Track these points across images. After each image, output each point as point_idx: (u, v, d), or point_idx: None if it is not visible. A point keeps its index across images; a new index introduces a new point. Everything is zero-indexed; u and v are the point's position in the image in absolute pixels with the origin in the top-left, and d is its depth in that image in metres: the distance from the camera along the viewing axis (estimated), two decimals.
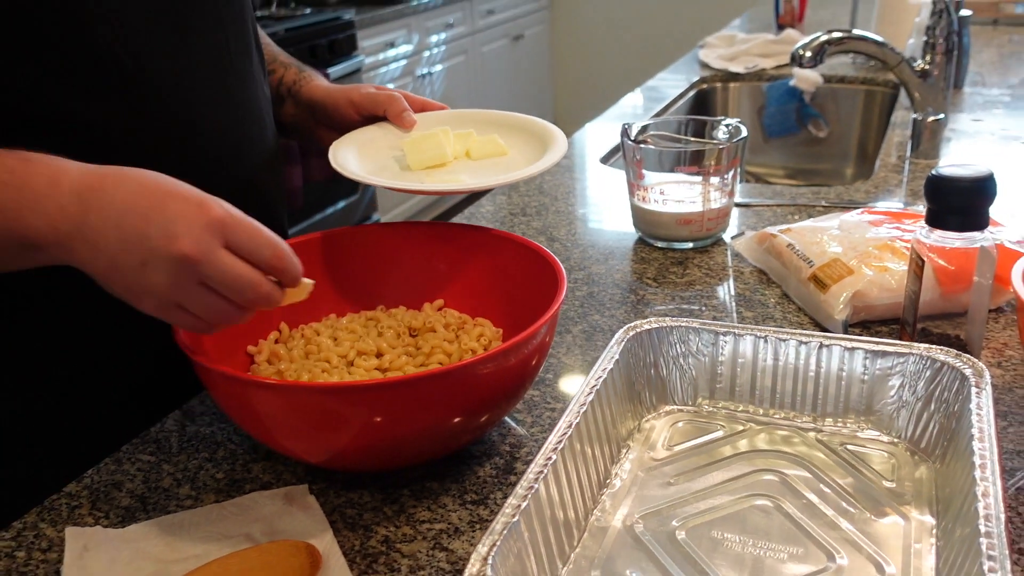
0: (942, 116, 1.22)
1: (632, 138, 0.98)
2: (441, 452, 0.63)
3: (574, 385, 0.74)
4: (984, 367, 0.58)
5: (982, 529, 0.45)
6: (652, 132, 1.02)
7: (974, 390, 0.57)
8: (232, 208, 0.54)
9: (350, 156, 0.79)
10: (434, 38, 3.52)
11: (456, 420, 0.59)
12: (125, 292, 0.54)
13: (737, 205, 1.09)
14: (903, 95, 1.54)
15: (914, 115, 1.24)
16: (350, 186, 2.88)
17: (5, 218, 0.53)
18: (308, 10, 3.01)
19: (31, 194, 0.53)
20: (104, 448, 0.68)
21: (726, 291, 0.89)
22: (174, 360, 0.69)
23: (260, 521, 0.58)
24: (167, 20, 0.70)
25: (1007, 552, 0.43)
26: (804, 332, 0.65)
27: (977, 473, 0.49)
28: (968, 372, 0.59)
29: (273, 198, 0.85)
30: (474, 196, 1.24)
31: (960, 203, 0.65)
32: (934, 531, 0.54)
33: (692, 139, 1.01)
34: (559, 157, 0.77)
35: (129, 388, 0.77)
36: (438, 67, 3.57)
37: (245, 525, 0.58)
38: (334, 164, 0.76)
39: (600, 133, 1.46)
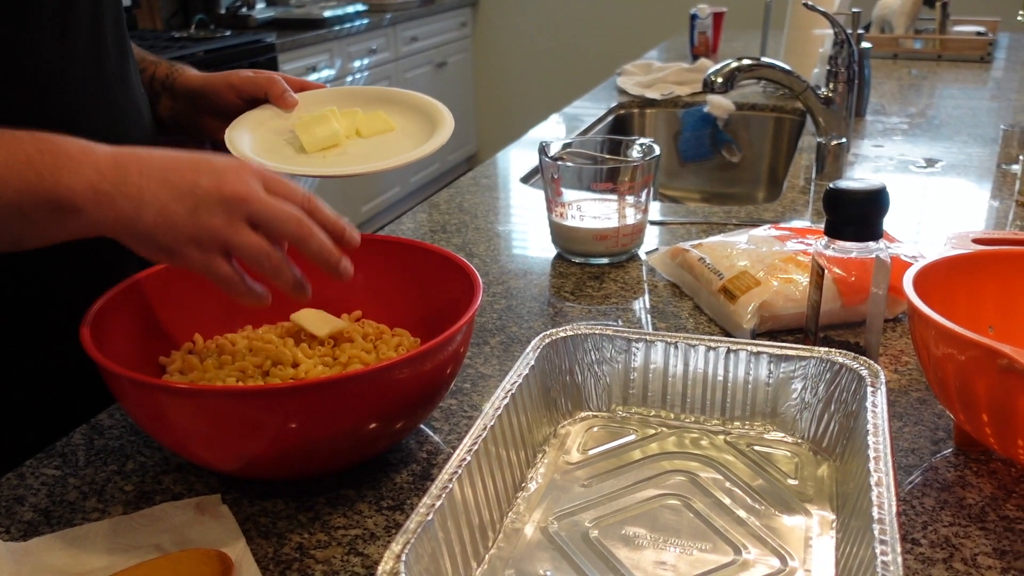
0: (844, 140, 1.28)
1: (550, 156, 1.00)
2: (357, 459, 0.63)
3: (491, 394, 0.74)
4: (879, 368, 0.61)
5: (875, 516, 0.48)
6: (570, 151, 1.04)
7: (870, 389, 0.60)
8: None
9: (246, 141, 0.79)
10: (357, 63, 3.52)
11: (372, 426, 0.59)
12: (172, 243, 0.56)
13: (653, 223, 1.12)
14: (809, 121, 1.60)
15: (819, 139, 1.29)
16: None
17: (43, 180, 0.54)
18: (228, 32, 2.98)
19: (67, 159, 0.55)
20: (5, 463, 0.66)
21: (641, 304, 0.91)
22: (81, 374, 0.67)
23: (170, 531, 0.57)
24: (47, 22, 0.70)
25: (898, 536, 0.46)
26: (712, 338, 0.67)
27: (871, 465, 0.52)
28: (864, 373, 0.61)
29: None
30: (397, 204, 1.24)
31: (855, 214, 0.69)
32: (833, 524, 0.56)
33: (608, 156, 1.04)
34: (451, 129, 0.80)
35: (34, 402, 0.75)
36: None
37: (154, 536, 0.57)
38: (234, 152, 0.76)
39: (521, 156, 1.48)
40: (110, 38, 0.77)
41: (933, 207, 1.20)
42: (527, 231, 1.14)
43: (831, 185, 0.70)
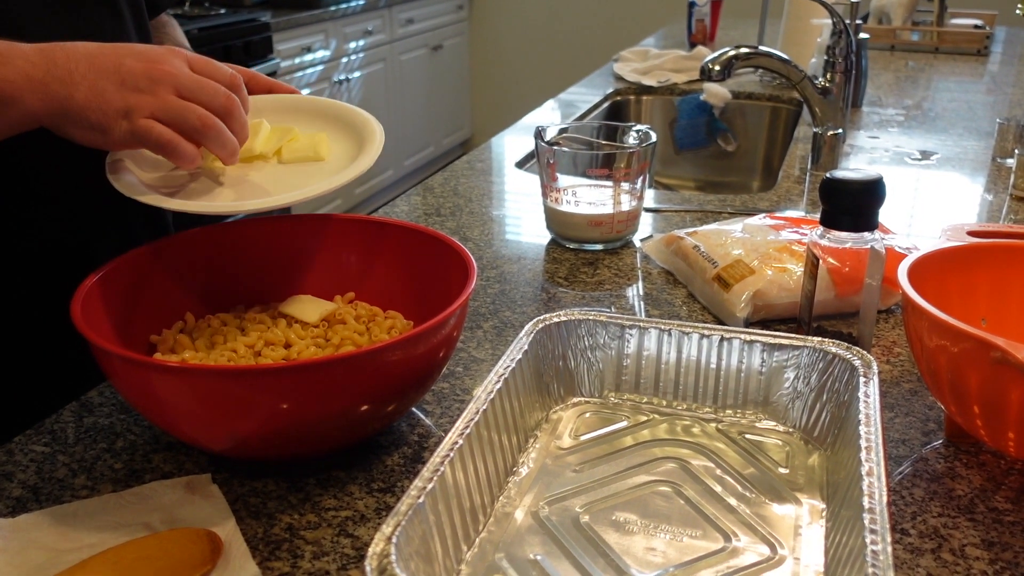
0: (840, 131, 1.27)
1: (546, 141, 0.99)
2: (349, 441, 0.62)
3: (483, 378, 0.74)
4: (872, 358, 0.61)
5: (865, 505, 0.48)
6: (566, 136, 1.03)
7: (862, 380, 0.60)
8: None
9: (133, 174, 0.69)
10: (352, 44, 3.50)
11: (363, 408, 0.59)
12: (103, 119, 0.59)
13: (648, 210, 1.12)
14: (806, 111, 1.60)
15: (815, 129, 1.29)
16: None
17: None
18: (223, 10, 2.96)
19: None
20: None
21: (635, 291, 0.91)
22: (71, 351, 0.67)
23: (159, 510, 0.57)
24: (61, 5, 0.69)
25: (888, 526, 0.46)
26: (706, 326, 0.67)
27: (863, 455, 0.52)
28: (857, 363, 0.61)
29: None
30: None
31: (852, 204, 0.69)
32: (823, 513, 0.56)
33: (604, 142, 1.04)
34: (370, 163, 0.70)
35: (22, 378, 0.74)
36: (356, 74, 3.55)
37: (143, 514, 0.57)
38: (117, 185, 0.66)
39: (516, 142, 1.48)
40: (130, 23, 0.78)
41: (927, 199, 1.20)
42: (522, 216, 1.14)
43: (828, 175, 0.69)
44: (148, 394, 0.57)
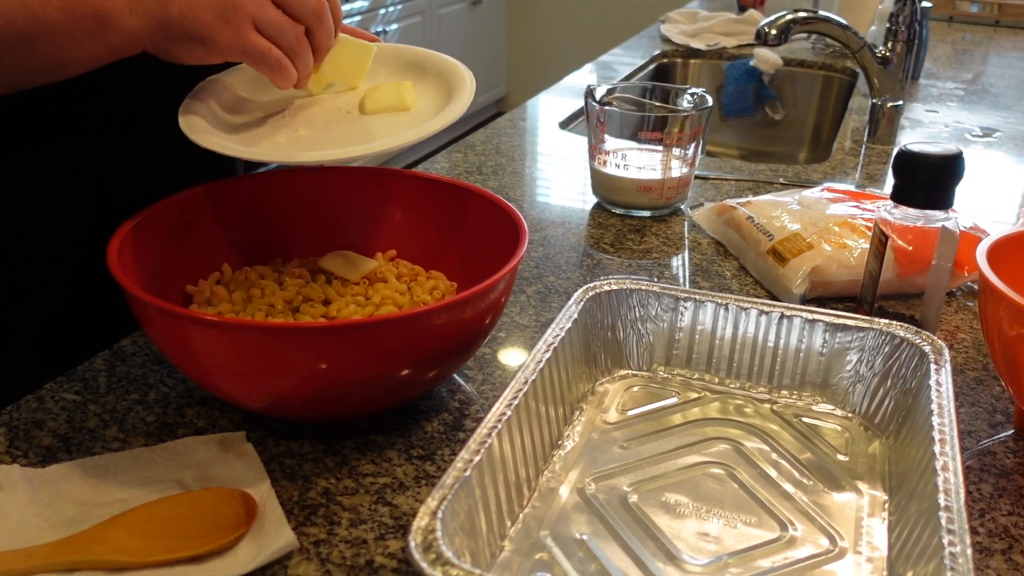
0: (900, 103, 1.22)
1: (597, 100, 0.95)
2: (387, 405, 0.60)
3: (527, 345, 0.72)
4: (944, 345, 0.58)
5: (941, 503, 0.45)
6: (616, 96, 0.99)
7: (933, 367, 0.56)
8: None
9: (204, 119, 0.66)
10: None
11: (405, 372, 0.56)
12: (201, 28, 0.58)
13: (696, 177, 1.08)
14: (861, 82, 1.54)
15: (873, 100, 1.24)
16: None
17: None
18: None
19: None
20: (24, 386, 0.64)
21: (683, 261, 0.88)
22: (104, 297, 0.65)
23: (192, 467, 0.55)
24: None
25: (966, 527, 0.43)
26: (765, 302, 0.64)
27: (936, 448, 0.49)
28: (927, 349, 0.58)
29: None
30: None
31: (927, 179, 0.65)
32: (886, 506, 0.53)
33: (657, 104, 1.00)
34: (462, 110, 0.67)
35: (55, 324, 0.73)
36: (393, 26, 3.50)
37: (176, 470, 0.55)
38: (192, 136, 0.63)
39: (554, 104, 1.43)
40: None
41: (990, 178, 1.15)
42: (566, 178, 1.10)
43: (903, 147, 0.65)
44: (183, 347, 0.55)
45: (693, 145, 0.95)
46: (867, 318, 0.61)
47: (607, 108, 0.95)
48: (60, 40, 0.57)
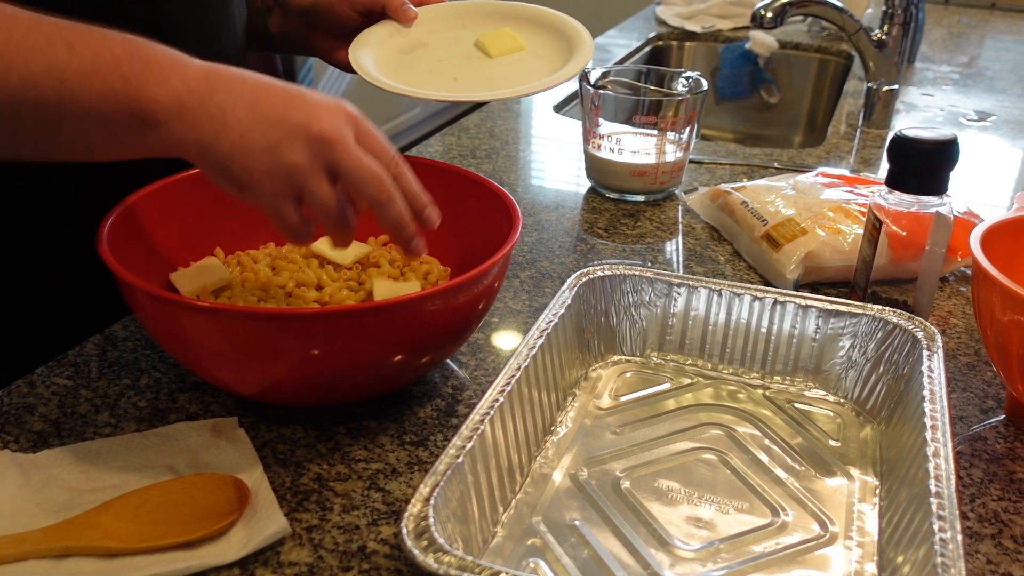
0: (896, 86, 1.22)
1: (592, 83, 0.95)
2: (380, 390, 0.60)
3: (520, 330, 0.72)
4: (936, 331, 0.58)
5: (932, 489, 0.45)
6: (610, 79, 0.99)
7: (925, 353, 0.56)
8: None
9: (370, 63, 0.76)
10: None
11: (397, 358, 0.56)
12: (245, 175, 0.51)
13: (690, 161, 1.07)
14: (856, 66, 1.54)
15: (868, 84, 1.23)
16: None
17: (128, 88, 0.48)
18: None
19: (157, 67, 0.49)
20: (15, 371, 0.64)
21: (677, 246, 0.88)
22: (95, 281, 0.64)
23: (184, 452, 0.55)
24: None
25: (957, 513, 0.43)
26: (759, 287, 0.64)
27: (928, 434, 0.49)
28: (920, 335, 0.58)
29: None
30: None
31: (922, 165, 0.65)
32: (877, 491, 0.54)
33: (652, 87, 0.99)
34: (591, 49, 0.76)
35: (46, 308, 0.72)
36: None
37: (168, 456, 0.55)
38: (361, 74, 0.74)
39: None
40: None
41: (984, 163, 1.15)
42: (560, 161, 1.09)
43: (898, 132, 0.65)
44: (175, 333, 0.55)
45: (688, 129, 0.94)
46: (860, 304, 0.61)
47: (602, 92, 0.94)
48: (91, 127, 0.50)
